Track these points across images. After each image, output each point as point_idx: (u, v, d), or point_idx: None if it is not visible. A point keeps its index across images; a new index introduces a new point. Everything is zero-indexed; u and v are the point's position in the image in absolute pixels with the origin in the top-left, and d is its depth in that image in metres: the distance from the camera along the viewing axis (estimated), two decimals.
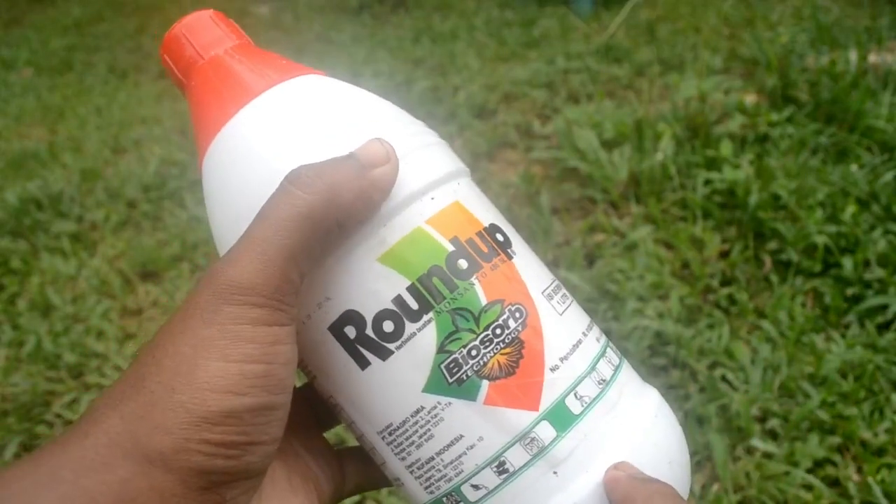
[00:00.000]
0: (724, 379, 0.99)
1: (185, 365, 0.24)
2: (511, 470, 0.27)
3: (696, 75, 1.67)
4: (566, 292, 0.31)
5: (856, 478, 0.85)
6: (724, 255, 1.22)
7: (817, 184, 1.27)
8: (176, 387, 0.23)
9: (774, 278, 1.14)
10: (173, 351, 0.24)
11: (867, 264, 1.11)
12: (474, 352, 0.27)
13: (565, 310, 0.30)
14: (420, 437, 0.28)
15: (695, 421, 0.93)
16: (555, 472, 0.27)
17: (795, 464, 0.87)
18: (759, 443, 0.90)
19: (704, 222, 1.27)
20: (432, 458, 0.28)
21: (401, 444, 0.28)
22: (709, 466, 0.89)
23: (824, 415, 0.91)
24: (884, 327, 1.04)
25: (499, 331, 0.28)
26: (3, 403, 1.12)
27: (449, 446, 0.28)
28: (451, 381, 0.27)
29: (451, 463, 0.28)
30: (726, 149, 1.39)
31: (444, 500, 0.28)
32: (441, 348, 0.27)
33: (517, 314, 0.28)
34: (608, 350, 0.31)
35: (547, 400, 0.27)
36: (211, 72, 0.31)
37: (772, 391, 0.95)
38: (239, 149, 0.29)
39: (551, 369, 0.28)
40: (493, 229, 0.30)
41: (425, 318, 0.27)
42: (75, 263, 1.43)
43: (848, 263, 1.11)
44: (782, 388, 0.96)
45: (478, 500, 0.28)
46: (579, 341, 0.29)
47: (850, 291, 1.09)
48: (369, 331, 0.27)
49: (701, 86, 1.52)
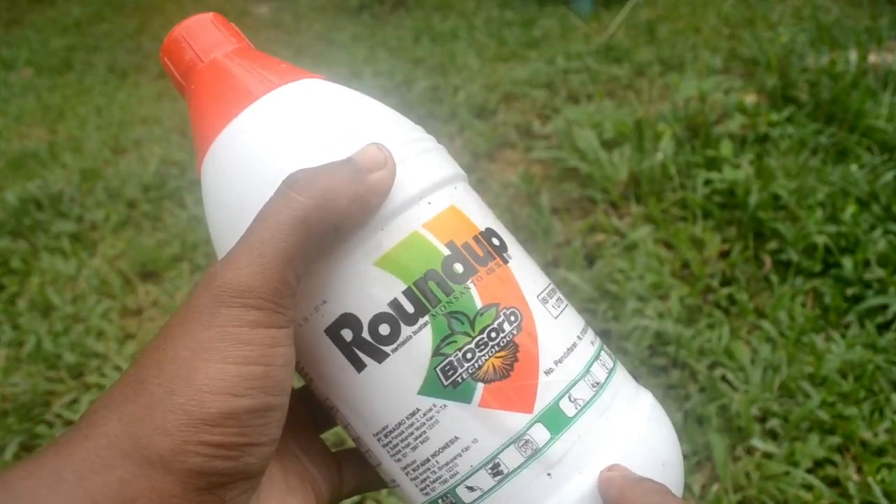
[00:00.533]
0: (724, 379, 0.99)
1: (184, 367, 0.24)
2: (505, 472, 0.28)
3: (696, 75, 1.67)
4: (561, 296, 0.32)
5: (856, 478, 0.85)
6: (724, 255, 1.22)
7: (817, 184, 1.27)
8: (175, 389, 0.24)
9: (774, 278, 1.14)
10: (172, 354, 0.24)
11: (867, 264, 1.11)
12: (469, 355, 0.28)
13: (560, 313, 0.30)
14: (415, 439, 0.28)
15: (695, 421, 0.93)
16: (549, 473, 0.28)
17: (795, 464, 0.87)
18: (759, 443, 0.90)
19: (704, 222, 1.27)
20: (427, 460, 0.28)
21: (396, 445, 0.29)
22: (709, 466, 0.89)
23: (824, 415, 0.91)
24: (884, 327, 1.04)
25: (494, 334, 0.28)
26: (3, 403, 1.12)
27: (444, 448, 0.28)
28: (446, 383, 0.28)
29: (446, 465, 0.28)
30: (726, 149, 1.39)
31: (440, 501, 0.29)
32: (436, 351, 0.28)
33: (512, 318, 0.28)
34: (602, 353, 0.31)
35: (541, 402, 0.28)
36: (210, 75, 0.31)
37: (772, 391, 0.95)
38: (237, 152, 0.29)
39: (546, 372, 0.28)
40: (488, 233, 0.30)
41: (421, 321, 0.28)
42: (75, 263, 1.43)
43: (848, 263, 1.11)
44: (782, 388, 0.96)
45: (473, 502, 0.28)
46: (574, 345, 0.30)
47: (850, 291, 1.09)
48: (366, 334, 0.28)
49: (701, 86, 1.52)
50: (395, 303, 0.28)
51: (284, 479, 0.29)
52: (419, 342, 0.28)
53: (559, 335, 0.29)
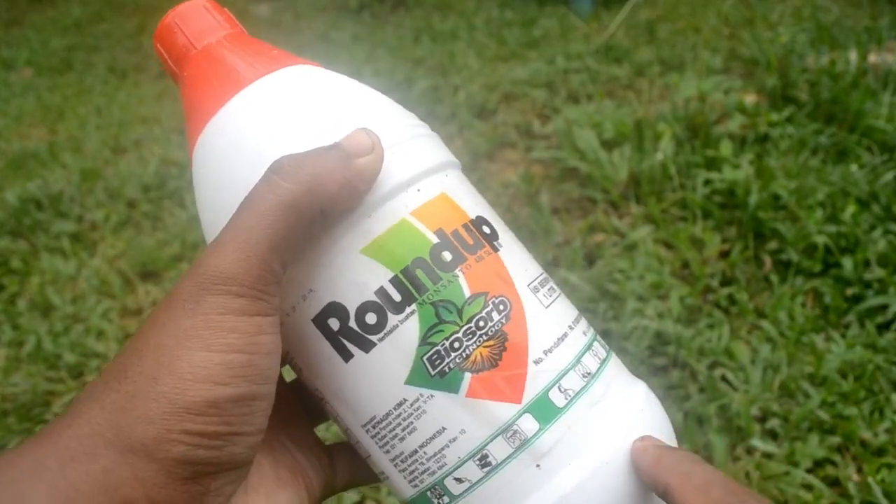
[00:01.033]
0: (724, 379, 0.99)
1: (167, 355, 0.24)
2: (493, 463, 0.27)
3: (696, 75, 1.67)
4: (553, 285, 0.31)
5: (856, 478, 0.85)
6: (724, 255, 1.22)
7: (817, 184, 1.27)
8: (158, 377, 0.23)
9: (774, 278, 1.14)
10: (156, 342, 0.24)
11: (867, 264, 1.11)
12: (457, 344, 0.27)
13: (551, 303, 0.30)
14: (403, 429, 0.28)
15: (695, 421, 0.93)
16: (538, 465, 0.27)
17: (795, 464, 0.87)
18: (759, 443, 0.90)
19: (704, 222, 1.27)
20: (415, 451, 0.28)
21: (384, 436, 0.28)
22: None
23: (824, 415, 0.91)
24: (884, 327, 1.04)
25: (482, 323, 0.27)
26: (3, 403, 1.12)
27: (431, 439, 0.27)
28: (433, 373, 0.27)
29: (433, 456, 0.28)
30: (726, 149, 1.39)
31: (429, 493, 0.28)
32: (424, 340, 0.27)
33: (501, 306, 0.28)
34: (595, 344, 0.31)
35: (530, 392, 0.27)
36: (203, 61, 0.31)
37: (772, 391, 0.95)
38: (227, 138, 0.29)
39: (535, 362, 0.28)
40: (479, 221, 0.30)
41: (408, 310, 0.27)
42: (75, 263, 1.43)
43: (848, 263, 1.11)
44: (782, 388, 0.96)
45: (461, 494, 0.28)
46: (565, 334, 0.29)
47: (850, 291, 1.09)
48: (352, 323, 0.27)
49: (701, 86, 1.52)
50: (381, 291, 0.27)
51: (275, 471, 0.29)
52: (406, 331, 0.27)
53: (549, 325, 0.29)
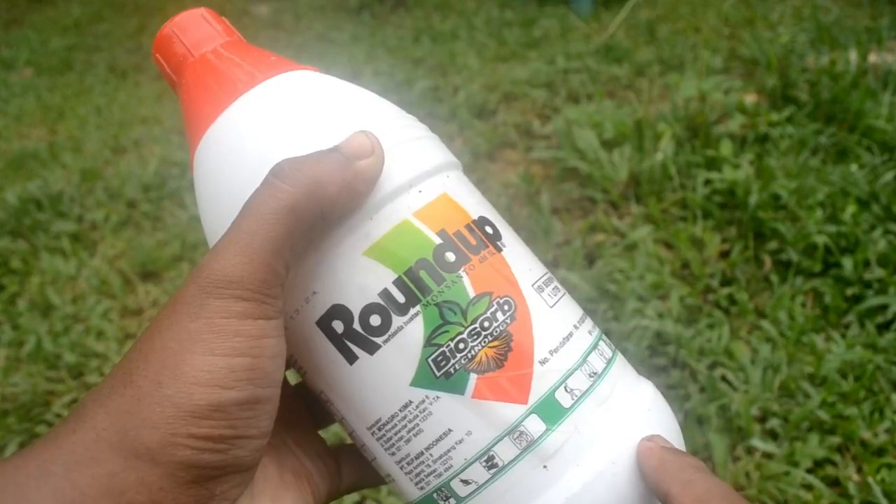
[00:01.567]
0: (724, 379, 0.99)
1: (171, 359, 0.24)
2: (500, 465, 0.27)
3: (696, 75, 1.67)
4: (558, 284, 0.31)
5: (856, 478, 0.85)
6: (724, 255, 1.22)
7: (817, 184, 1.27)
8: (162, 381, 0.23)
9: (774, 278, 1.14)
10: (160, 346, 0.24)
11: (867, 264, 1.11)
12: (462, 345, 0.27)
13: (556, 302, 0.30)
14: (409, 431, 0.28)
15: (695, 421, 0.93)
16: (545, 466, 0.27)
17: (795, 464, 0.87)
18: (759, 443, 0.90)
19: (704, 222, 1.27)
20: (421, 454, 0.28)
21: (390, 439, 0.28)
22: (709, 466, 0.89)
23: (824, 415, 0.91)
24: (884, 327, 1.04)
25: (487, 323, 0.27)
26: (3, 403, 1.12)
27: (438, 441, 0.27)
28: (438, 374, 0.27)
29: (440, 458, 0.27)
30: (726, 149, 1.39)
31: (435, 495, 0.28)
32: (428, 342, 0.27)
33: (506, 307, 0.28)
34: (601, 343, 0.31)
35: (536, 393, 0.27)
36: (201, 69, 0.31)
37: (772, 391, 0.95)
38: (227, 144, 0.29)
39: (540, 362, 0.28)
40: (482, 222, 0.29)
41: (412, 311, 0.27)
42: (75, 263, 1.43)
43: (848, 263, 1.11)
44: (782, 388, 0.96)
45: (468, 496, 0.27)
46: (570, 334, 0.29)
47: (850, 291, 1.09)
48: (356, 325, 0.27)
49: (701, 86, 1.52)
50: (385, 293, 0.27)
51: (279, 475, 0.29)
52: (411, 333, 0.27)
53: (555, 324, 0.29)
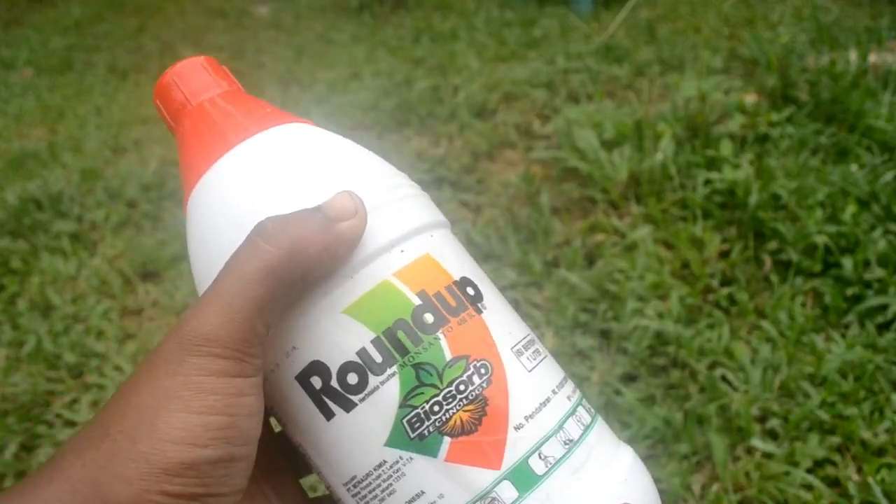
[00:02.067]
0: (724, 379, 0.99)
1: (147, 415, 0.24)
2: None
3: (696, 75, 1.67)
4: (540, 347, 0.31)
5: (856, 478, 0.85)
6: (724, 255, 1.22)
7: (817, 184, 1.27)
8: (137, 437, 0.24)
9: (774, 278, 1.14)
10: (136, 401, 0.24)
11: (867, 264, 1.11)
12: (437, 407, 0.27)
13: (535, 366, 0.29)
14: (382, 491, 0.28)
15: (695, 421, 0.93)
16: None
17: (795, 464, 0.87)
18: (759, 443, 0.90)
19: (704, 222, 1.27)
20: None
21: (365, 496, 0.28)
22: (709, 466, 0.89)
23: (824, 415, 0.91)
24: (884, 327, 1.04)
25: (462, 387, 0.27)
26: (3, 403, 1.12)
27: (411, 502, 0.27)
28: (412, 436, 0.27)
29: None
30: (726, 149, 1.39)
31: None
32: (404, 402, 0.27)
33: (482, 370, 0.28)
34: (579, 408, 0.30)
35: (509, 459, 0.27)
36: (197, 117, 0.31)
37: (772, 391, 0.95)
38: (214, 197, 0.29)
39: (515, 428, 0.27)
40: (463, 283, 0.29)
41: (389, 371, 0.27)
42: (75, 263, 1.43)
43: (848, 263, 1.11)
44: (782, 388, 0.96)
45: None
46: (547, 399, 0.29)
47: (850, 291, 1.09)
48: (334, 382, 0.27)
49: (701, 86, 1.52)
50: (363, 352, 0.27)
51: None
52: (386, 392, 0.27)
53: (532, 389, 0.28)
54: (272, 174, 0.29)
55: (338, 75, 2.22)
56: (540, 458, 0.27)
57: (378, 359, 0.27)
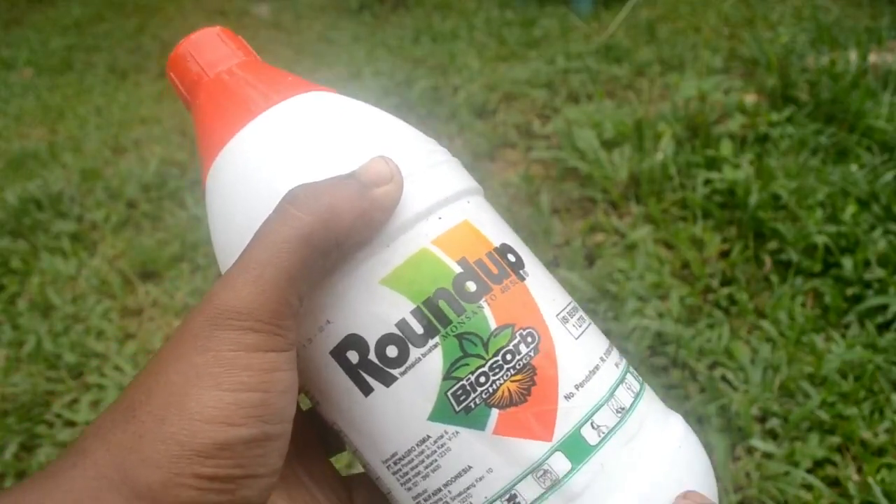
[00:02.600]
0: (724, 379, 0.99)
1: (176, 394, 0.23)
2: None
3: (696, 75, 1.67)
4: (584, 315, 0.30)
5: (856, 478, 0.85)
6: (724, 255, 1.22)
7: (817, 184, 1.27)
8: (166, 417, 0.22)
9: (774, 278, 1.14)
10: (164, 380, 0.23)
11: (867, 264, 1.11)
12: (483, 378, 0.26)
13: (581, 333, 0.28)
14: (426, 467, 0.27)
15: (695, 421, 0.93)
16: None
17: (795, 464, 0.87)
18: (759, 443, 0.90)
19: (704, 222, 1.27)
20: (439, 490, 0.27)
21: (406, 473, 0.27)
22: None
23: (824, 415, 0.91)
24: (884, 327, 1.04)
25: (509, 356, 0.26)
26: (3, 403, 1.12)
27: (457, 478, 0.26)
28: (458, 409, 0.26)
29: (459, 495, 0.26)
30: (726, 149, 1.39)
31: None
32: (448, 375, 0.26)
33: (529, 339, 0.27)
34: (628, 375, 0.29)
35: (561, 430, 0.26)
36: (215, 89, 0.30)
37: (772, 391, 0.95)
38: (240, 167, 0.28)
39: (566, 397, 0.26)
40: (504, 249, 0.28)
41: (431, 342, 0.26)
42: (75, 263, 1.43)
43: (848, 263, 1.11)
44: (782, 388, 0.96)
45: None
46: (597, 367, 0.28)
47: (850, 291, 1.09)
48: (372, 356, 0.26)
49: (701, 86, 1.52)
50: (402, 323, 0.26)
51: None
52: (429, 365, 0.26)
53: (580, 357, 0.28)
54: (301, 142, 0.28)
55: (338, 75, 2.22)
56: (592, 427, 0.26)
57: (419, 330, 0.26)
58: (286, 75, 0.31)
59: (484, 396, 0.26)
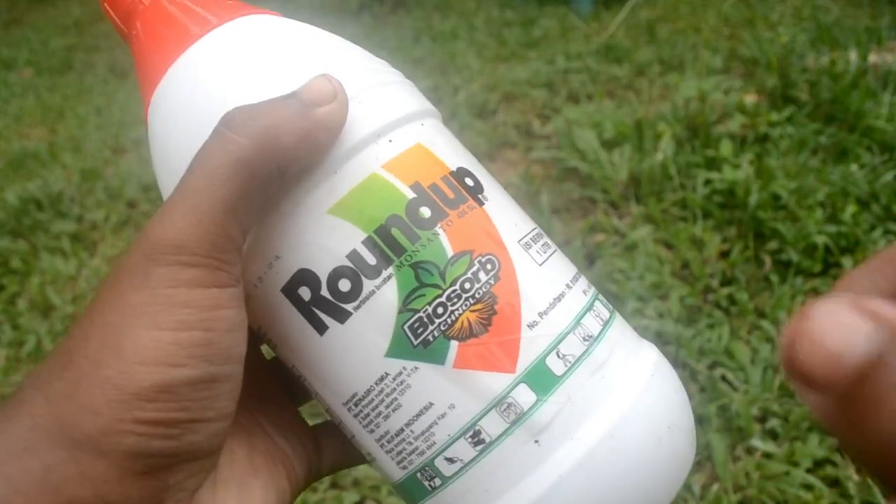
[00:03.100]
0: (724, 379, 0.99)
1: (112, 336, 0.21)
2: (487, 440, 0.25)
3: (696, 75, 1.67)
4: (548, 241, 0.28)
5: (856, 478, 0.85)
6: (724, 255, 1.22)
7: (817, 184, 1.27)
8: (103, 361, 0.21)
9: (774, 278, 1.14)
10: (101, 321, 0.22)
11: None
12: (440, 309, 0.24)
13: (546, 259, 0.27)
14: (387, 406, 0.25)
15: (695, 421, 0.93)
16: (536, 440, 0.24)
17: (795, 464, 0.87)
18: (759, 443, 0.90)
19: (704, 222, 1.27)
20: (402, 430, 0.25)
21: (367, 415, 0.26)
22: (709, 466, 0.89)
23: None
24: None
25: (468, 285, 0.25)
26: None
27: (418, 416, 0.25)
28: (415, 343, 0.24)
29: (421, 434, 0.25)
30: (726, 149, 1.39)
31: (419, 475, 0.26)
32: (403, 307, 0.24)
33: (488, 266, 0.25)
34: (596, 303, 0.28)
35: (525, 360, 0.25)
36: (153, 16, 0.28)
37: (772, 391, 0.95)
38: (180, 95, 0.27)
39: (529, 326, 0.25)
40: (461, 173, 0.27)
41: (384, 273, 0.24)
42: (75, 263, 1.43)
43: (848, 263, 1.11)
44: (782, 388, 0.96)
45: (453, 475, 0.25)
46: (561, 294, 0.26)
47: None
48: (324, 291, 0.25)
49: (701, 86, 1.52)
50: (354, 254, 0.24)
51: (249, 459, 0.27)
52: (383, 297, 0.24)
53: (544, 284, 0.26)
54: (240, 64, 0.26)
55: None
56: (558, 356, 0.25)
57: (371, 261, 0.24)
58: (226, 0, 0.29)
59: (442, 328, 0.25)
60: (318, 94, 0.24)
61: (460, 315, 0.25)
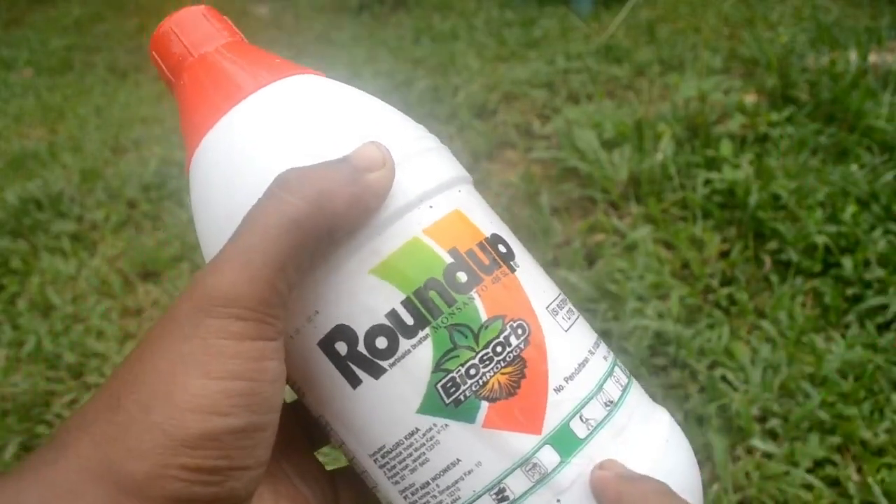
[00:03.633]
0: (724, 379, 0.99)
1: (162, 383, 0.22)
2: (511, 498, 0.26)
3: (696, 75, 1.67)
4: (572, 307, 0.30)
5: (856, 478, 0.85)
6: (724, 255, 1.22)
7: (817, 184, 1.27)
8: (152, 406, 0.22)
9: (774, 278, 1.14)
10: (150, 367, 0.22)
11: (867, 264, 1.11)
12: (473, 371, 0.26)
13: (571, 326, 0.28)
14: (414, 460, 0.26)
15: (695, 421, 0.93)
16: (558, 500, 0.26)
17: (795, 464, 0.87)
18: (759, 443, 0.90)
19: (704, 222, 1.27)
20: (427, 484, 0.26)
21: (394, 467, 0.27)
22: (709, 466, 0.89)
23: (824, 415, 0.91)
24: (884, 327, 1.04)
25: (499, 348, 0.26)
26: (3, 403, 1.12)
27: (445, 471, 0.26)
28: (447, 401, 0.26)
29: (447, 489, 0.26)
30: (726, 149, 1.39)
31: None
32: (437, 367, 0.26)
33: (519, 330, 0.26)
34: (616, 369, 0.29)
35: (550, 423, 0.26)
36: (200, 70, 0.29)
37: (772, 391, 0.95)
38: (227, 151, 0.27)
39: (555, 390, 0.26)
40: (495, 240, 0.28)
41: (421, 334, 0.26)
42: (75, 263, 1.43)
43: (848, 263, 1.11)
44: (782, 388, 0.96)
45: None
46: (585, 360, 0.28)
47: (850, 291, 1.09)
48: (361, 347, 0.26)
49: (701, 86, 1.52)
50: (392, 314, 0.26)
51: (274, 502, 0.27)
52: (419, 357, 0.26)
53: (570, 350, 0.27)
54: (290, 125, 0.27)
55: (338, 75, 2.22)
56: (581, 420, 0.26)
57: (409, 321, 0.26)
58: (273, 57, 0.30)
59: (474, 389, 0.26)
60: (368, 161, 0.25)
61: (491, 377, 0.26)
